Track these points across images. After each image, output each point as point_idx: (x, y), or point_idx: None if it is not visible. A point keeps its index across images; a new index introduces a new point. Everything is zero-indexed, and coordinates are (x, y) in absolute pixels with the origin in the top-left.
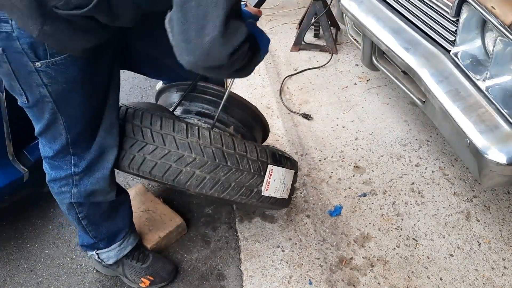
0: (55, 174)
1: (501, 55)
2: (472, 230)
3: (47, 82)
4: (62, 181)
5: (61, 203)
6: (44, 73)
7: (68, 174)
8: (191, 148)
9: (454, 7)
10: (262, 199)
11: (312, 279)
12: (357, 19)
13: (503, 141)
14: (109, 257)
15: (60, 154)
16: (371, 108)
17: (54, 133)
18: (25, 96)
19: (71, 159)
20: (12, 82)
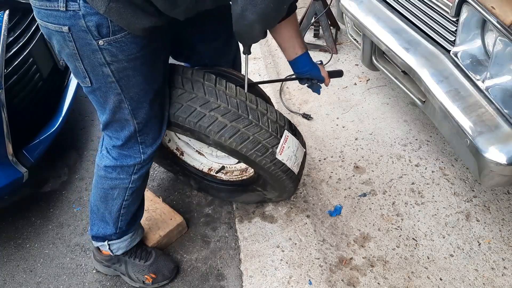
0: (121, 162)
1: (501, 55)
2: (472, 230)
3: (109, 60)
4: (124, 168)
5: (111, 187)
6: (107, 51)
7: (135, 163)
8: (217, 95)
9: (454, 7)
10: (275, 162)
11: (312, 279)
12: (357, 19)
13: (503, 141)
14: (119, 248)
15: (129, 143)
16: (371, 108)
17: (121, 120)
18: (89, 78)
19: (139, 148)
20: (76, 63)
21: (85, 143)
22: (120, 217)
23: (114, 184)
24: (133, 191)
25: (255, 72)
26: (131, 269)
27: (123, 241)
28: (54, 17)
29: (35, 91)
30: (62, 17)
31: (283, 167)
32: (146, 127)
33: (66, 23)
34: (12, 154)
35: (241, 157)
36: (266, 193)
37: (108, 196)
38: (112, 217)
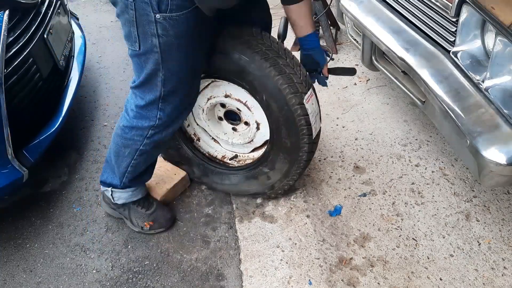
0: (137, 123)
1: (501, 55)
2: (472, 230)
3: (160, 33)
4: (139, 130)
5: (124, 146)
6: (161, 25)
7: (149, 125)
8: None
9: (454, 7)
10: (302, 106)
11: (312, 279)
12: (357, 19)
13: (503, 141)
14: (120, 198)
15: (150, 106)
16: (371, 108)
17: (151, 85)
18: (138, 44)
19: (157, 113)
20: (131, 28)
21: (85, 143)
22: (126, 173)
23: (127, 144)
24: (143, 153)
25: None
26: (133, 214)
27: (124, 192)
28: None
29: (35, 91)
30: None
31: (307, 118)
32: (169, 97)
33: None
34: (12, 154)
35: (274, 90)
36: (271, 175)
37: (119, 153)
38: (120, 171)
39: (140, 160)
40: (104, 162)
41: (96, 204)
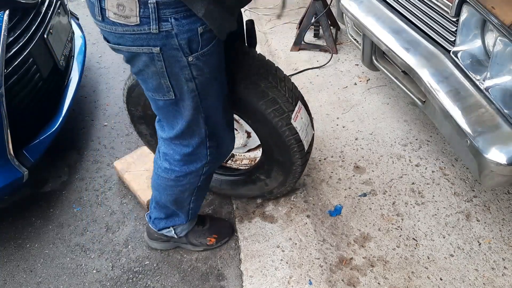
0: (189, 169)
1: (501, 55)
2: (472, 230)
3: (196, 74)
4: (193, 173)
5: (182, 192)
6: (195, 66)
7: (203, 164)
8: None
9: (454, 7)
10: (290, 127)
11: (312, 279)
12: (357, 19)
13: (503, 141)
14: (183, 230)
15: (198, 148)
16: (371, 108)
17: (194, 129)
18: (173, 92)
19: (206, 151)
20: (162, 80)
21: (85, 143)
22: (190, 210)
23: (185, 189)
24: (200, 188)
25: None
26: (192, 236)
27: (188, 224)
28: (143, 40)
29: (35, 91)
30: (153, 39)
31: (296, 136)
32: (214, 131)
33: (157, 44)
34: (12, 154)
35: (259, 116)
36: (269, 182)
37: (178, 199)
38: (184, 211)
39: (200, 194)
40: (155, 207)
41: (96, 204)
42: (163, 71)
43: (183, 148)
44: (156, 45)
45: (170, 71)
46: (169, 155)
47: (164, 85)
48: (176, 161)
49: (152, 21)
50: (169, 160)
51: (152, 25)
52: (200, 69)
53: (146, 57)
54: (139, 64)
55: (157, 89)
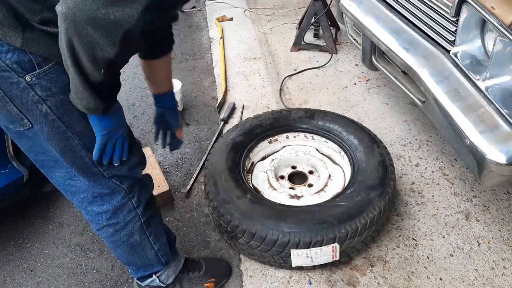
0: (110, 207)
1: (500, 55)
2: (471, 230)
3: (43, 95)
4: (122, 210)
5: (129, 236)
6: (38, 86)
7: (123, 195)
8: None
9: (454, 7)
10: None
11: (312, 279)
12: (356, 19)
13: (502, 141)
14: (168, 276)
15: (93, 176)
16: (371, 108)
17: (78, 162)
18: (27, 119)
19: (110, 181)
20: (7, 107)
21: None
22: (158, 252)
23: (129, 232)
24: (149, 223)
25: (255, 72)
26: (187, 285)
27: (169, 268)
28: None
29: None
30: None
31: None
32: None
33: None
34: (12, 154)
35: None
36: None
37: (133, 248)
38: (151, 258)
39: (154, 229)
40: (128, 268)
41: None
42: (3, 96)
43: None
44: None
45: (10, 94)
46: (88, 213)
47: (14, 113)
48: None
49: None
50: (86, 208)
51: None
52: (46, 89)
53: None
54: None
55: (12, 120)
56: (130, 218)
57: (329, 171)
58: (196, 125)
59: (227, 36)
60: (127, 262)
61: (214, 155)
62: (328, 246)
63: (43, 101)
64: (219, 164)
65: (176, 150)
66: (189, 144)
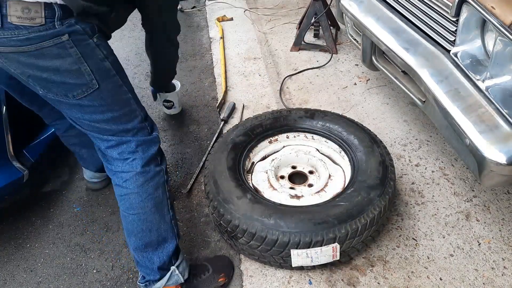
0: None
1: (501, 55)
2: (472, 230)
3: (106, 53)
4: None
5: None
6: (101, 46)
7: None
8: None
9: (454, 7)
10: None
11: (312, 279)
12: (357, 19)
13: (503, 141)
14: (184, 269)
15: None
16: (371, 108)
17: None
18: (95, 80)
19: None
20: (82, 68)
21: None
22: (172, 219)
23: (156, 182)
24: (166, 186)
25: (255, 72)
26: (203, 286)
27: (182, 260)
28: (51, 35)
29: None
30: (60, 30)
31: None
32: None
33: (64, 31)
34: (12, 154)
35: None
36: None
37: (157, 202)
38: (168, 225)
39: (170, 195)
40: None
41: (96, 204)
42: (80, 57)
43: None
44: (64, 32)
45: (85, 55)
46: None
47: (86, 73)
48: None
49: (57, 20)
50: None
51: (57, 23)
52: (106, 48)
53: (57, 49)
54: (53, 61)
55: (80, 83)
56: (158, 170)
57: (329, 171)
58: (196, 125)
59: (227, 36)
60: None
61: (214, 155)
62: (328, 246)
63: (106, 59)
64: (219, 164)
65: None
66: (189, 144)
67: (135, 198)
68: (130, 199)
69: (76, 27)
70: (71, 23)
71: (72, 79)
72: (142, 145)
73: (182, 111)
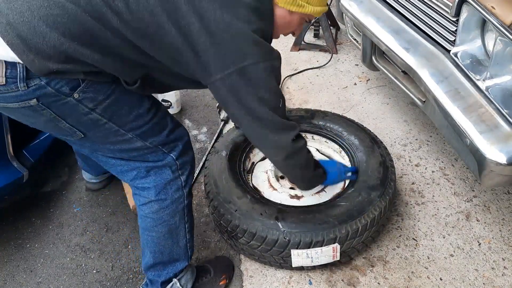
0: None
1: (501, 55)
2: (472, 230)
3: (92, 106)
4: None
5: (171, 214)
6: (86, 100)
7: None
8: None
9: (454, 7)
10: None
11: (312, 279)
12: (357, 19)
13: (503, 141)
14: (187, 281)
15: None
16: (371, 108)
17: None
18: (79, 131)
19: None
20: (58, 124)
21: None
22: (187, 243)
23: (172, 210)
24: (188, 210)
25: None
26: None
27: (187, 271)
28: (15, 97)
29: None
30: (25, 95)
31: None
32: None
33: (31, 97)
34: (12, 154)
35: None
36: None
37: (171, 229)
38: (182, 250)
39: (190, 217)
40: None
41: (96, 204)
42: (55, 117)
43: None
44: (31, 98)
45: (62, 114)
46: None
47: (66, 128)
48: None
49: (20, 81)
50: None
51: (20, 83)
52: (93, 99)
53: (27, 110)
54: (28, 118)
55: (62, 134)
56: (177, 197)
57: None
58: (196, 125)
59: None
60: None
61: (214, 155)
62: (328, 246)
63: (92, 111)
64: (219, 164)
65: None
66: None
67: (149, 222)
68: (146, 221)
69: (47, 89)
70: (40, 85)
71: (54, 131)
72: (154, 169)
73: (182, 111)
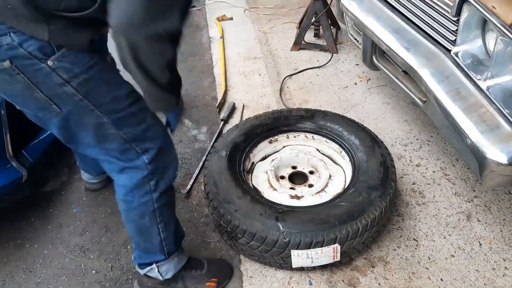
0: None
1: (501, 55)
2: (473, 230)
3: (66, 77)
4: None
5: (140, 216)
6: (60, 69)
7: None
8: None
9: (454, 6)
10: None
11: (312, 280)
12: (357, 18)
13: (504, 141)
14: (168, 270)
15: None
16: (372, 108)
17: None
18: (55, 104)
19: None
20: (35, 95)
21: None
22: (163, 241)
23: (141, 212)
24: (162, 211)
25: (255, 72)
26: (190, 282)
27: (170, 262)
28: None
29: None
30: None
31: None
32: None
33: (4, 58)
34: (11, 154)
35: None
36: None
37: (141, 228)
38: (155, 244)
39: (165, 218)
40: (133, 247)
41: (95, 205)
42: (29, 84)
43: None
44: (4, 58)
45: (36, 81)
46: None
47: (42, 100)
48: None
49: None
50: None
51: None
52: (68, 70)
53: (2, 75)
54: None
55: (40, 108)
56: (144, 201)
57: (330, 171)
58: (195, 125)
59: (227, 36)
60: (133, 241)
61: (214, 155)
62: (328, 246)
63: (67, 83)
64: (219, 164)
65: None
66: (188, 144)
67: (123, 216)
68: (121, 214)
69: (19, 50)
70: (12, 45)
71: (31, 102)
72: (126, 169)
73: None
